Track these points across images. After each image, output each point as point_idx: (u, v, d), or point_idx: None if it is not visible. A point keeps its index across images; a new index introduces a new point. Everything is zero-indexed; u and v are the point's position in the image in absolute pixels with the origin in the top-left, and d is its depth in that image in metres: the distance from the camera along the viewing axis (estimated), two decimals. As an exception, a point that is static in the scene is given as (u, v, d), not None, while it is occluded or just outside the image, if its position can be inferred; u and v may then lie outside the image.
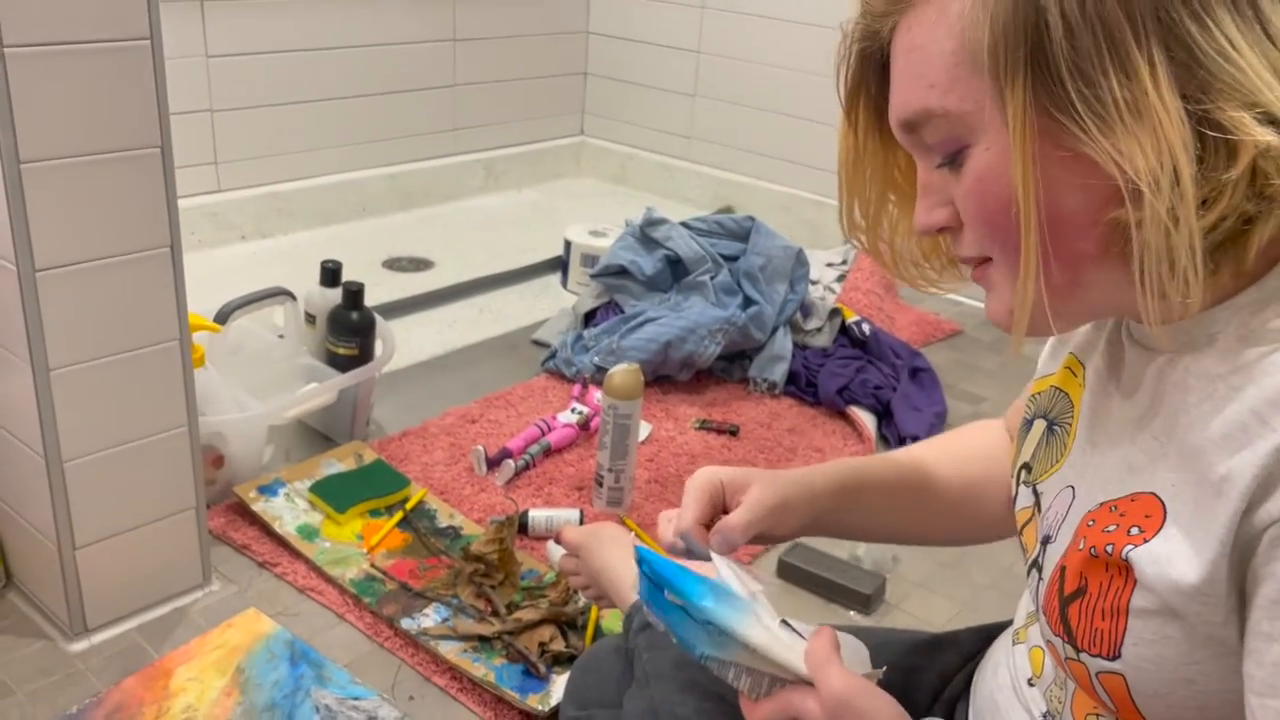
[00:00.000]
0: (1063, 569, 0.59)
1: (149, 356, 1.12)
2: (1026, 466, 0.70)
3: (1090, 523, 0.57)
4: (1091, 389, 0.64)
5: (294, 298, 1.57)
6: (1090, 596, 0.56)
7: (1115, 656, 0.55)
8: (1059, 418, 0.67)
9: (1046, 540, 0.63)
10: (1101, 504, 0.58)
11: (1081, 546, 0.57)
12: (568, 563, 1.12)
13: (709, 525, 0.73)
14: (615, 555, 1.06)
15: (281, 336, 1.60)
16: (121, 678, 1.11)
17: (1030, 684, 0.69)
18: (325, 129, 2.46)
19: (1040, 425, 0.69)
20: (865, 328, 1.90)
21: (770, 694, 0.60)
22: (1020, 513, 0.69)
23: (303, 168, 2.45)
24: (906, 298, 2.37)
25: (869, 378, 1.81)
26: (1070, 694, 0.64)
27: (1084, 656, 0.57)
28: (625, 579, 1.02)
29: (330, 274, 1.61)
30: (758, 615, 0.60)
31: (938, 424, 1.78)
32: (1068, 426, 0.66)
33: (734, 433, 1.72)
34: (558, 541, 1.12)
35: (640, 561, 0.62)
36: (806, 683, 0.59)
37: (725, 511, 0.75)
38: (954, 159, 0.55)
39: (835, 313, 1.94)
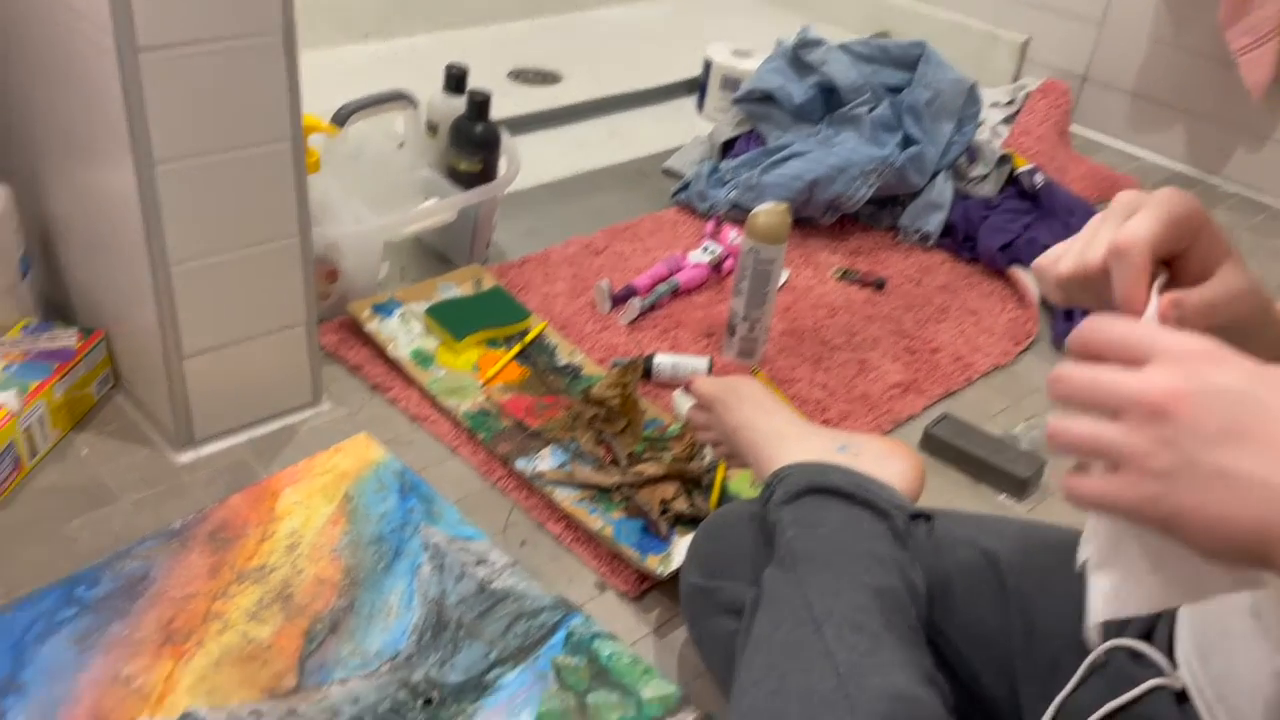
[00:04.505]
0: None
1: (260, 157, 1.02)
2: None
3: None
4: None
5: (415, 104, 1.45)
6: None
7: None
8: None
9: None
10: None
11: None
12: (697, 415, 1.02)
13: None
14: (753, 413, 0.94)
15: (401, 146, 1.48)
16: (227, 494, 1.07)
17: None
18: (454, -79, 2.27)
19: None
20: (1038, 178, 1.69)
21: None
22: None
23: (429, -36, 2.28)
24: (1080, 148, 2.13)
25: (1037, 235, 1.61)
26: None
27: None
28: (765, 441, 0.91)
29: (455, 80, 1.48)
30: None
31: (1110, 294, 1.59)
32: None
33: (879, 286, 1.57)
34: (687, 390, 1.02)
35: None
36: None
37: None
38: None
39: (1005, 159, 1.73)
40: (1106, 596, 0.49)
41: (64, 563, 0.98)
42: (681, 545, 1.04)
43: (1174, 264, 0.54)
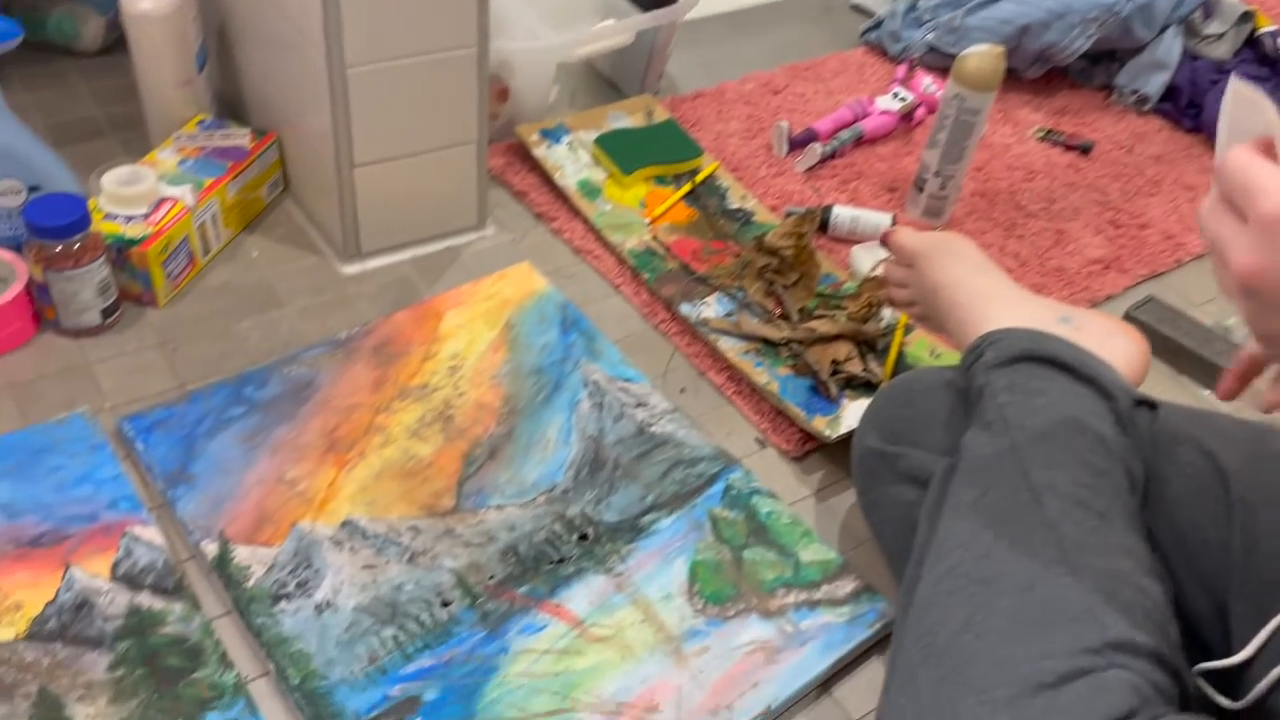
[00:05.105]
0: None
1: (442, -45, 0.96)
2: None
3: None
4: None
5: (599, -87, 1.35)
6: None
7: None
8: None
9: None
10: None
11: None
12: (894, 270, 0.93)
13: None
14: (963, 271, 0.86)
15: (580, -41, 1.39)
16: (391, 310, 1.06)
17: None
18: None
19: None
20: (1284, 42, 1.48)
21: None
22: None
23: None
24: (1329, 13, 1.86)
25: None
26: None
27: None
28: (973, 301, 0.83)
29: (642, -112, 1.37)
30: None
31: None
32: None
33: (1085, 150, 1.42)
34: (883, 243, 0.93)
35: None
36: None
37: None
38: None
39: (1246, 17, 1.52)
40: None
41: (234, 361, 0.98)
42: (852, 409, 0.99)
43: None
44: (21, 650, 0.73)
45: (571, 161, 1.26)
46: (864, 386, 1.01)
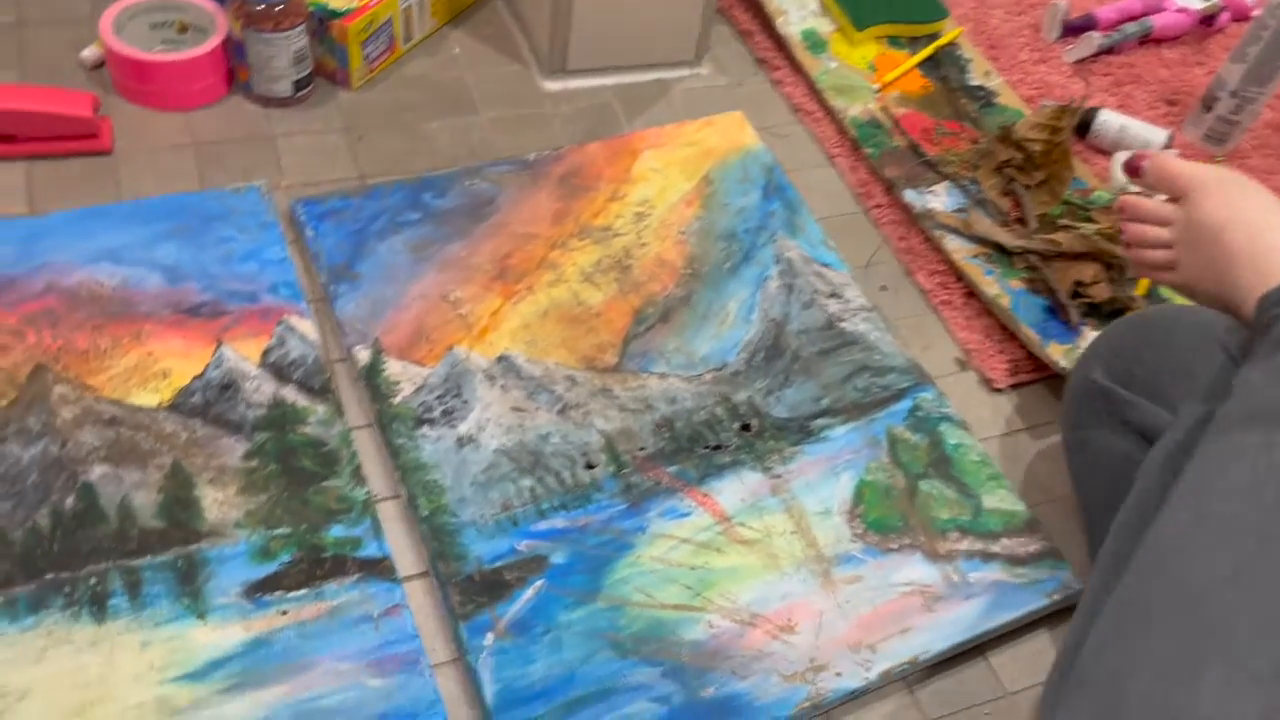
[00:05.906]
0: None
1: None
2: None
3: None
4: None
5: None
6: None
7: None
8: None
9: None
10: None
11: None
12: (1151, 206, 0.78)
13: None
14: (1258, 212, 0.70)
15: None
16: (585, 138, 0.97)
17: None
18: None
19: None
20: None
21: None
22: None
23: None
24: None
25: None
26: None
27: None
28: (1274, 247, 0.68)
29: None
30: None
31: None
32: None
33: None
34: (1133, 172, 0.77)
35: None
36: None
37: None
38: None
39: None
40: None
41: (417, 161, 0.93)
42: (1091, 339, 0.86)
43: None
44: (162, 420, 0.71)
45: (796, 7, 1.12)
46: (1110, 316, 0.88)
